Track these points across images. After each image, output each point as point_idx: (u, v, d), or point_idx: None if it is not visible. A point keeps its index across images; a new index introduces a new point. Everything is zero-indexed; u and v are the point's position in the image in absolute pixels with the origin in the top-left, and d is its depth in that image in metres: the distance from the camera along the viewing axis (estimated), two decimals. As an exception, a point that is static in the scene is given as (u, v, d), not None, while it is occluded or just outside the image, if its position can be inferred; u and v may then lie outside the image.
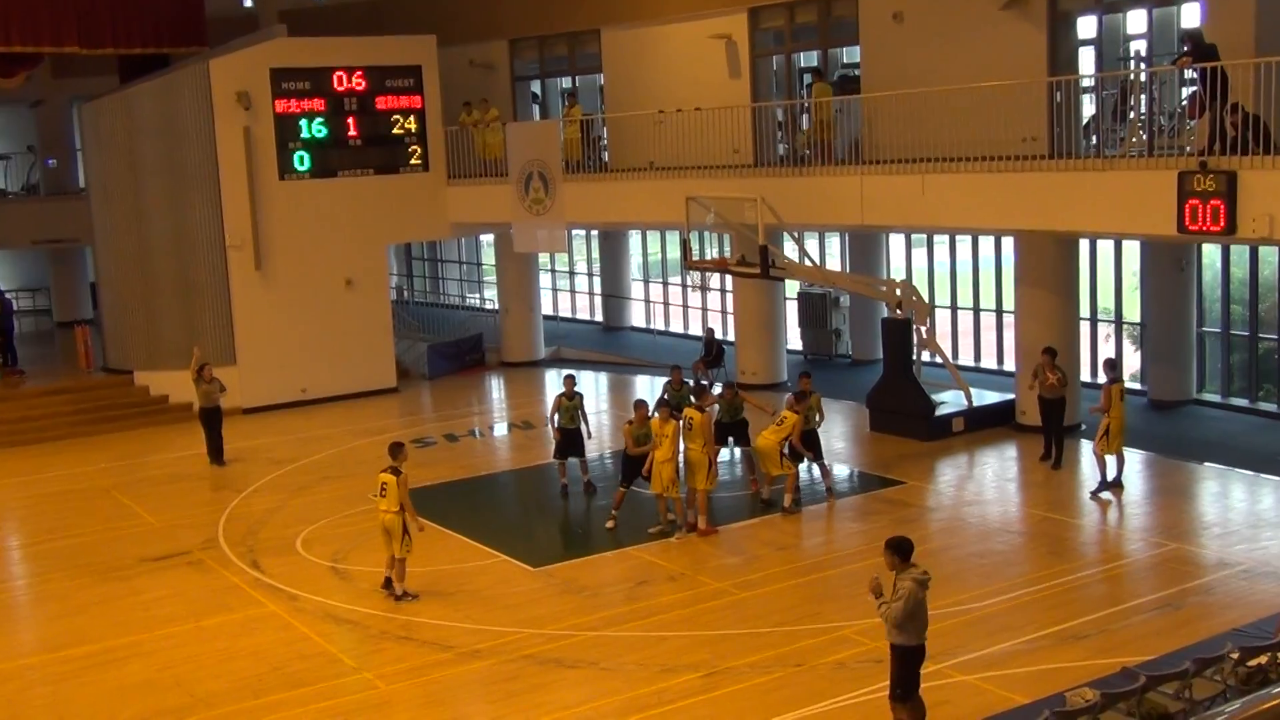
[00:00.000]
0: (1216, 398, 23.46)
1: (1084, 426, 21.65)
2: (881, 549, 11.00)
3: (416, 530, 15.57)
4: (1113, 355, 20.39)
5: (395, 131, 28.71)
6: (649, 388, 27.71)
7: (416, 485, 20.75)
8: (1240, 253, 23.00)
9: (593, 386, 28.24)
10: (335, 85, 27.89)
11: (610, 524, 18.07)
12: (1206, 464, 19.85)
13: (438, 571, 16.56)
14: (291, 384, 27.75)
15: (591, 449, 20.54)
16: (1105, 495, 18.26)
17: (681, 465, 17.76)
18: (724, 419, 19.54)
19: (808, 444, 18.75)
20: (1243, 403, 23.05)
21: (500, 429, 25.44)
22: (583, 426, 19.77)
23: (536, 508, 20.22)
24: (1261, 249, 22.30)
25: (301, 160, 27.72)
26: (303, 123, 27.64)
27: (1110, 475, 18.45)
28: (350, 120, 28.15)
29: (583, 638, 14.24)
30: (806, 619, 14.39)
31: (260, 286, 27.46)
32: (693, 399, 18.84)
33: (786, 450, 18.39)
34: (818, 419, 19.15)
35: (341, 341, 28.25)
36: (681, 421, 17.61)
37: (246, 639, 14.78)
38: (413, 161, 28.97)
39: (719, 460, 18.43)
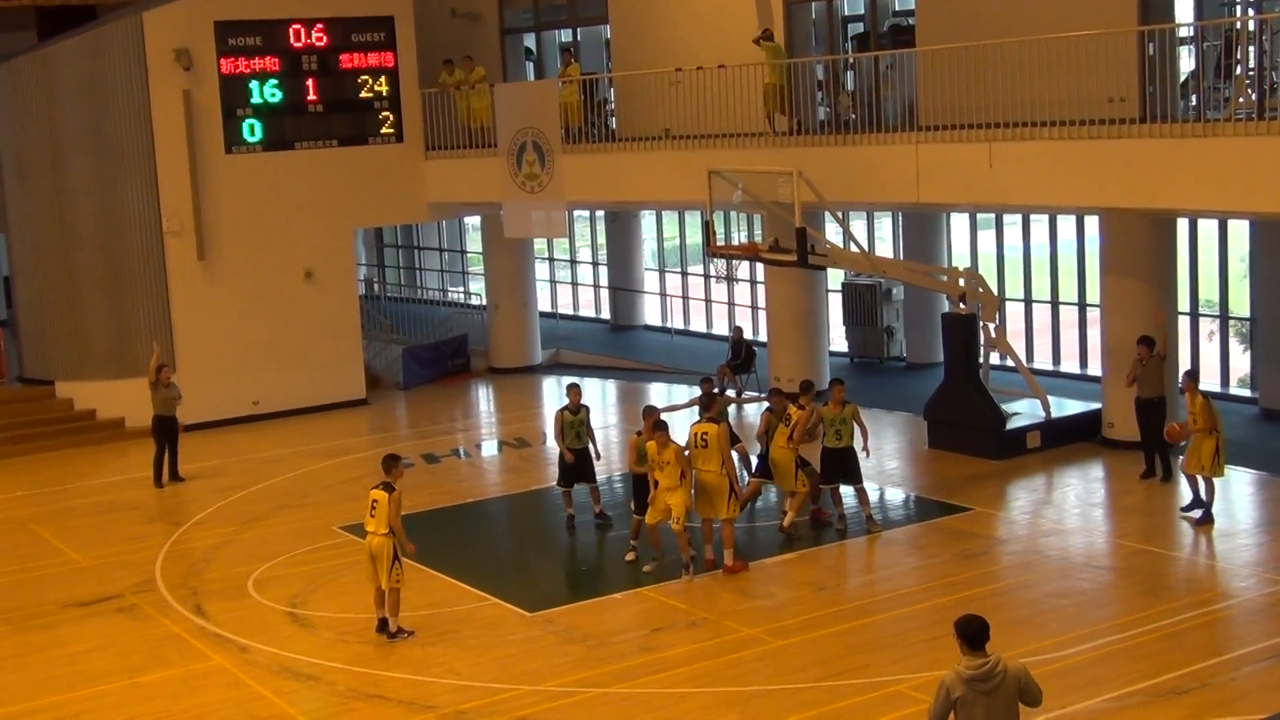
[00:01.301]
0: (1342, 406, 23.45)
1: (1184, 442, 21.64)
2: (942, 590, 10.93)
3: (406, 554, 15.82)
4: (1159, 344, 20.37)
5: (363, 95, 28.80)
6: (664, 398, 27.76)
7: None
8: (1369, 233, 22.97)
9: (598, 397, 28.30)
10: (291, 41, 27.99)
11: (630, 556, 18.11)
12: (1330, 485, 19.84)
13: (416, 617, 16.59)
14: (241, 396, 27.85)
15: (599, 471, 20.56)
16: (1195, 514, 18.36)
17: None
18: (829, 442, 18.88)
19: (838, 466, 18.75)
20: (1373, 412, 23.04)
21: (489, 448, 25.50)
22: (590, 445, 19.82)
23: (533, 541, 20.25)
24: (1395, 229, 22.26)
25: (252, 130, 27.82)
26: (253, 85, 27.74)
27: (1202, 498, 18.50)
28: (309, 82, 28.24)
29: (588, 695, 14.24)
30: (852, 672, 14.40)
31: (204, 280, 27.57)
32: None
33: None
34: (848, 434, 18.90)
35: (300, 345, 28.35)
36: (696, 437, 17.43)
37: (189, 699, 14.77)
38: (384, 131, 29.07)
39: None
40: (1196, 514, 18.38)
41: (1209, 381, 24.87)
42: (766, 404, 19.69)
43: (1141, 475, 20.19)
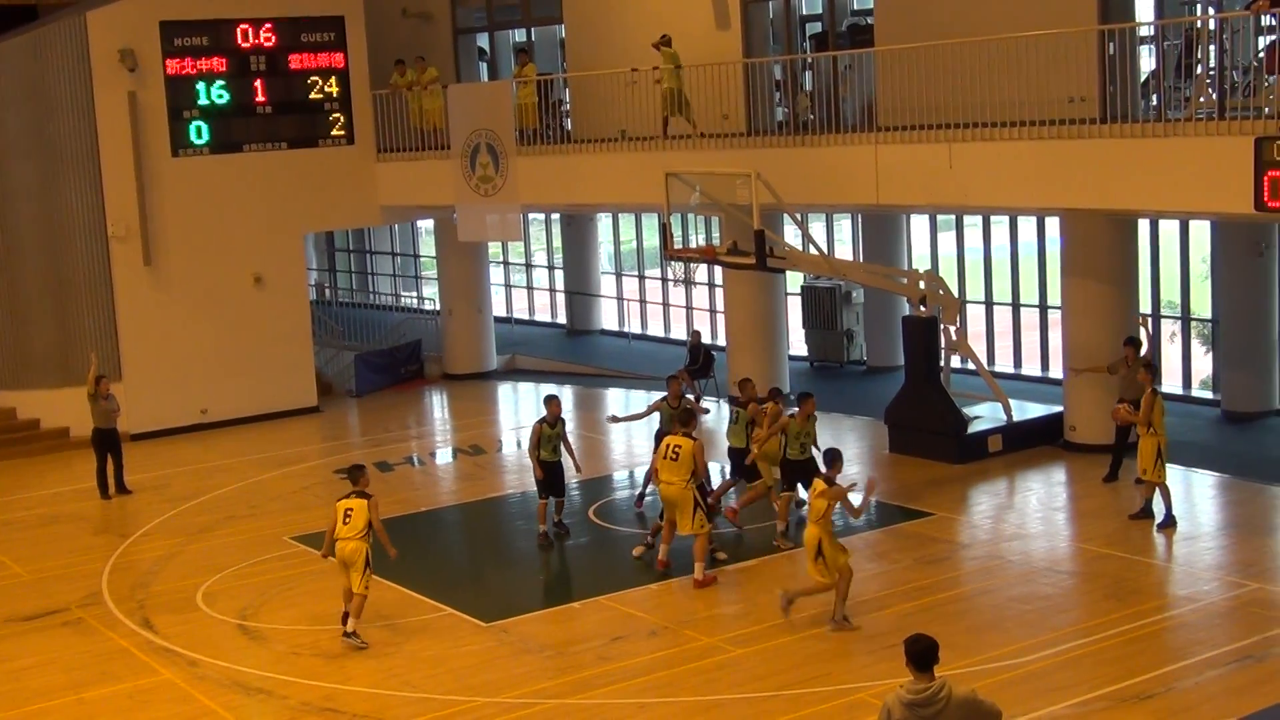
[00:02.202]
0: (1304, 408, 23.67)
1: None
2: (904, 596, 10.97)
3: (389, 558, 16.24)
4: (1146, 346, 20.45)
5: (313, 96, 28.72)
6: (623, 403, 27.78)
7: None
8: (1330, 234, 23.19)
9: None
10: (239, 41, 27.88)
11: (639, 551, 18.41)
12: (1293, 488, 20.03)
13: (369, 629, 16.52)
14: (189, 404, 27.70)
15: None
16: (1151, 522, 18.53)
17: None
18: (792, 454, 18.99)
19: (800, 477, 18.82)
20: (1335, 414, 23.26)
21: (444, 455, 25.44)
22: (570, 459, 19.67)
23: (489, 550, 20.21)
24: (1356, 229, 22.48)
25: (199, 132, 27.69)
26: (200, 86, 27.61)
27: (1157, 507, 18.58)
28: (258, 83, 28.13)
29: (546, 706, 14.21)
30: (814, 680, 14.42)
31: (150, 285, 27.41)
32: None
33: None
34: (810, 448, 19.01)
35: (249, 352, 28.22)
36: (668, 449, 17.35)
37: (137, 714, 14.67)
38: (334, 133, 28.98)
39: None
40: (1159, 518, 18.46)
41: (1171, 384, 25.07)
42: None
43: (1104, 479, 20.30)
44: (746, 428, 19.21)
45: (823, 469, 15.91)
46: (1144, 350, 20.42)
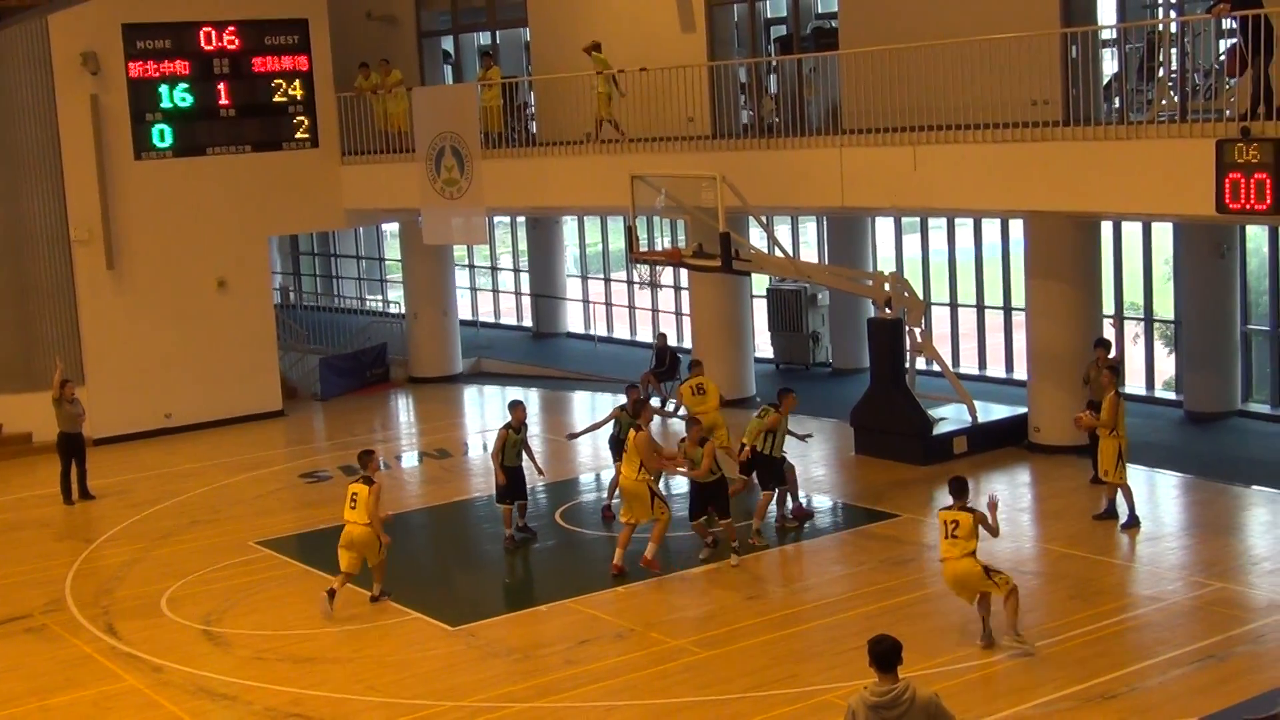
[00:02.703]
0: (1265, 408, 23.82)
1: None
2: (870, 598, 10.99)
3: (383, 544, 17.09)
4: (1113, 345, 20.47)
5: (277, 99, 28.64)
6: (589, 405, 27.78)
7: (308, 528, 20.78)
8: (1291, 235, 23.38)
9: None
10: (202, 44, 27.78)
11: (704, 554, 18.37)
12: (1255, 487, 20.12)
13: (335, 633, 16.51)
14: (153, 409, 27.57)
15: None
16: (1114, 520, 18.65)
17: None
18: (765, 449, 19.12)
19: (769, 475, 18.93)
20: (1296, 414, 23.44)
21: (409, 459, 25.39)
22: (532, 463, 19.60)
23: (455, 554, 20.19)
24: (1316, 231, 22.67)
25: (162, 135, 27.58)
26: (163, 90, 27.50)
27: (1120, 508, 18.71)
28: (221, 86, 28.04)
29: (512, 710, 14.21)
30: (780, 682, 14.46)
31: (113, 289, 27.28)
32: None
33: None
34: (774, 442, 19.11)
35: (214, 356, 28.12)
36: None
37: (101, 720, 14.65)
38: (298, 136, 28.91)
39: None
40: (1122, 519, 18.59)
41: (1134, 384, 25.21)
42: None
43: (1093, 480, 19.95)
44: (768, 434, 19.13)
45: (953, 499, 15.05)
46: (1113, 352, 20.47)
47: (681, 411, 20.02)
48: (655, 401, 26.79)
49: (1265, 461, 21.34)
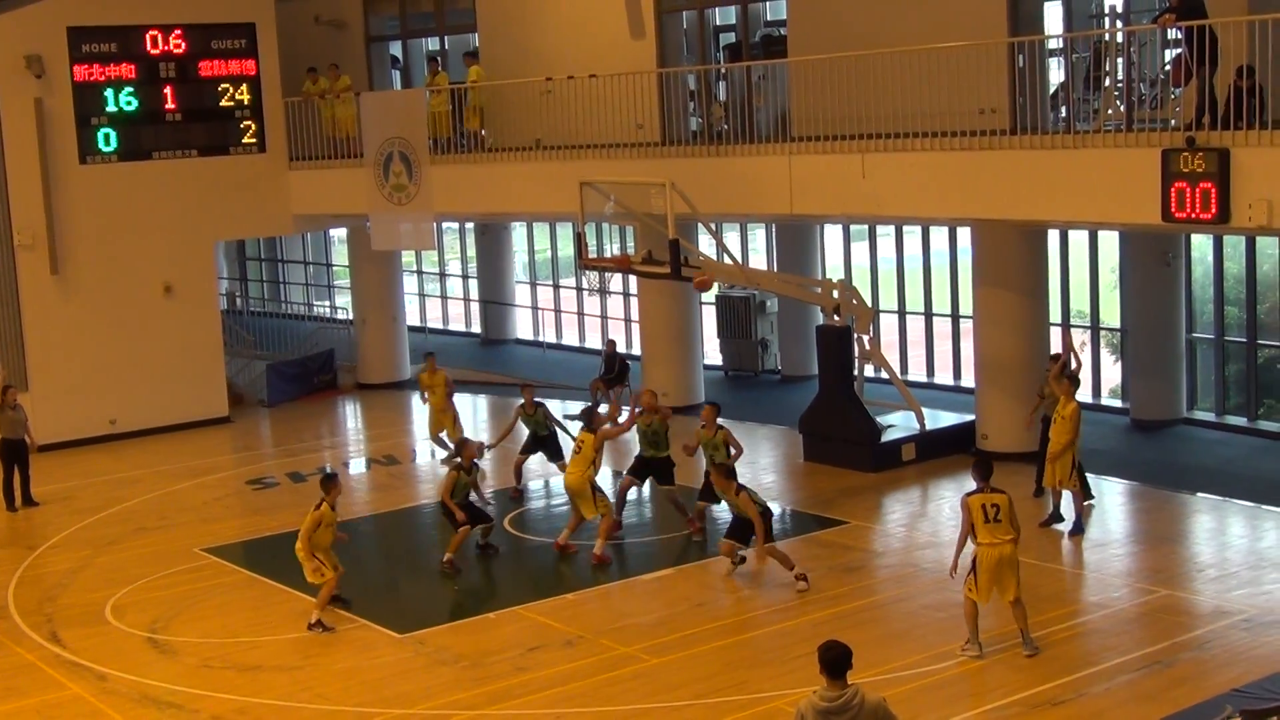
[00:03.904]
0: (1210, 416, 24.03)
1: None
2: (819, 605, 11.02)
3: (310, 571, 16.85)
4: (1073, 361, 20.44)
5: (224, 104, 28.47)
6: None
7: (255, 535, 20.66)
8: (1235, 244, 23.59)
9: (470, 412, 28.17)
10: (148, 47, 27.59)
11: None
12: (1200, 495, 20.31)
13: (282, 641, 16.41)
14: (98, 414, 27.35)
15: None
16: (1060, 528, 18.77)
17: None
18: (645, 452, 19.81)
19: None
20: (1240, 421, 23.64)
21: (357, 465, 25.27)
22: (480, 498, 19.51)
23: (403, 561, 20.11)
24: (1259, 240, 22.89)
25: (107, 139, 27.37)
26: (108, 93, 27.29)
27: (1063, 510, 18.92)
28: (167, 90, 27.85)
29: (461, 717, 14.17)
30: (730, 689, 14.47)
31: (58, 295, 27.04)
32: (577, 421, 19.92)
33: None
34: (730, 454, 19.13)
35: (160, 361, 27.91)
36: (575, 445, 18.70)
37: (45, 729, 14.50)
38: (246, 140, 28.75)
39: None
40: (1062, 527, 18.73)
41: (1081, 392, 25.29)
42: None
43: (1034, 493, 19.98)
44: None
45: (981, 481, 14.91)
46: (1067, 365, 20.32)
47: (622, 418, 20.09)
48: (604, 408, 26.85)
49: (1210, 469, 21.53)
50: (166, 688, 15.27)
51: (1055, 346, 21.41)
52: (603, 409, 20.99)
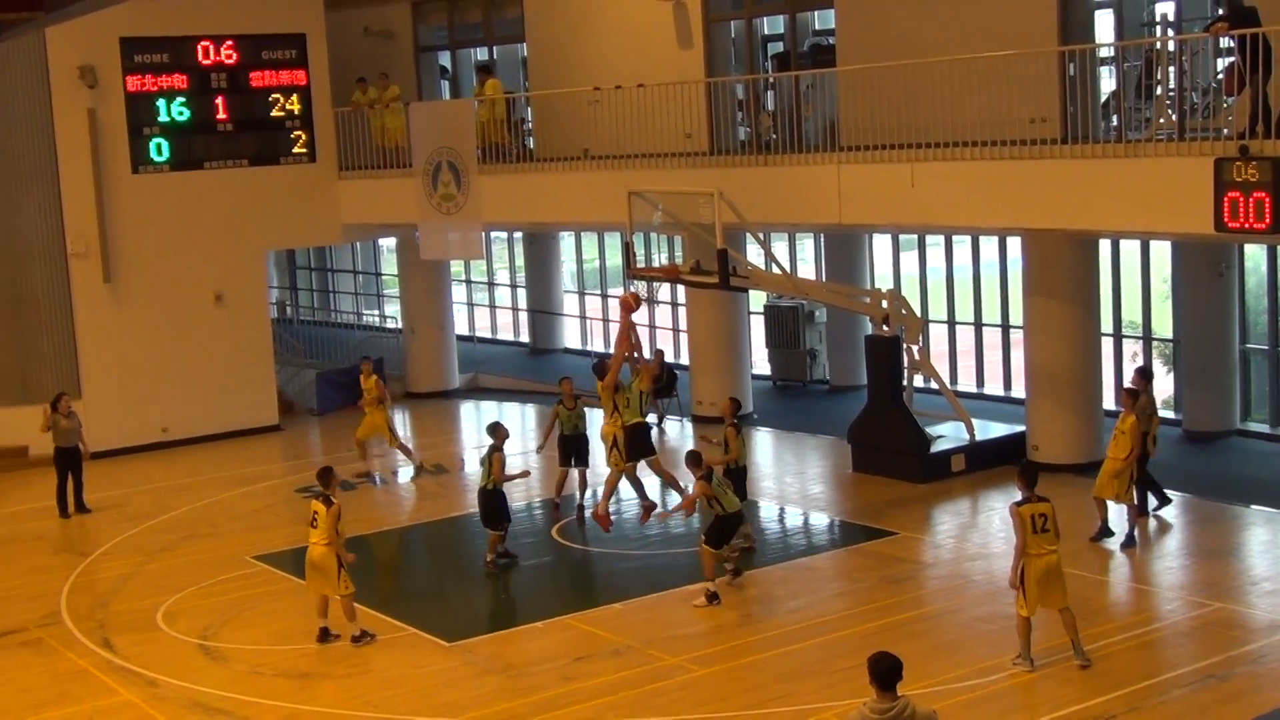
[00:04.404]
0: (1264, 428, 23.81)
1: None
2: (867, 616, 10.96)
3: (345, 563, 16.38)
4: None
5: (274, 114, 28.64)
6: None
7: (304, 543, 20.70)
8: (1289, 254, 23.39)
9: (517, 421, 28.21)
10: (200, 58, 27.79)
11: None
12: (1254, 507, 20.11)
13: (330, 648, 16.46)
14: (149, 422, 27.53)
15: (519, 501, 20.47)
16: (1110, 544, 18.60)
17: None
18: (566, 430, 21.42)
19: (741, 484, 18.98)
20: (1295, 433, 23.43)
21: (406, 474, 25.34)
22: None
23: (451, 569, 20.16)
24: (1314, 250, 22.69)
25: (159, 149, 27.57)
26: (160, 104, 27.50)
27: (1118, 524, 18.73)
28: (219, 100, 28.04)
29: (508, 727, 14.20)
30: (776, 700, 14.41)
31: (110, 303, 27.26)
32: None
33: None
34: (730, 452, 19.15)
35: (210, 370, 28.08)
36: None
37: (96, 735, 14.60)
38: (296, 150, 28.91)
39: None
40: (1113, 542, 18.51)
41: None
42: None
43: (1153, 509, 19.61)
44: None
45: (1026, 491, 14.82)
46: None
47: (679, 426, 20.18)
48: (652, 418, 26.88)
49: (1264, 481, 21.31)
50: (217, 694, 15.33)
51: (1106, 357, 21.25)
52: (650, 417, 21.13)
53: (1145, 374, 19.75)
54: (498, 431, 19.32)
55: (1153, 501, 19.62)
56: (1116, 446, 18.50)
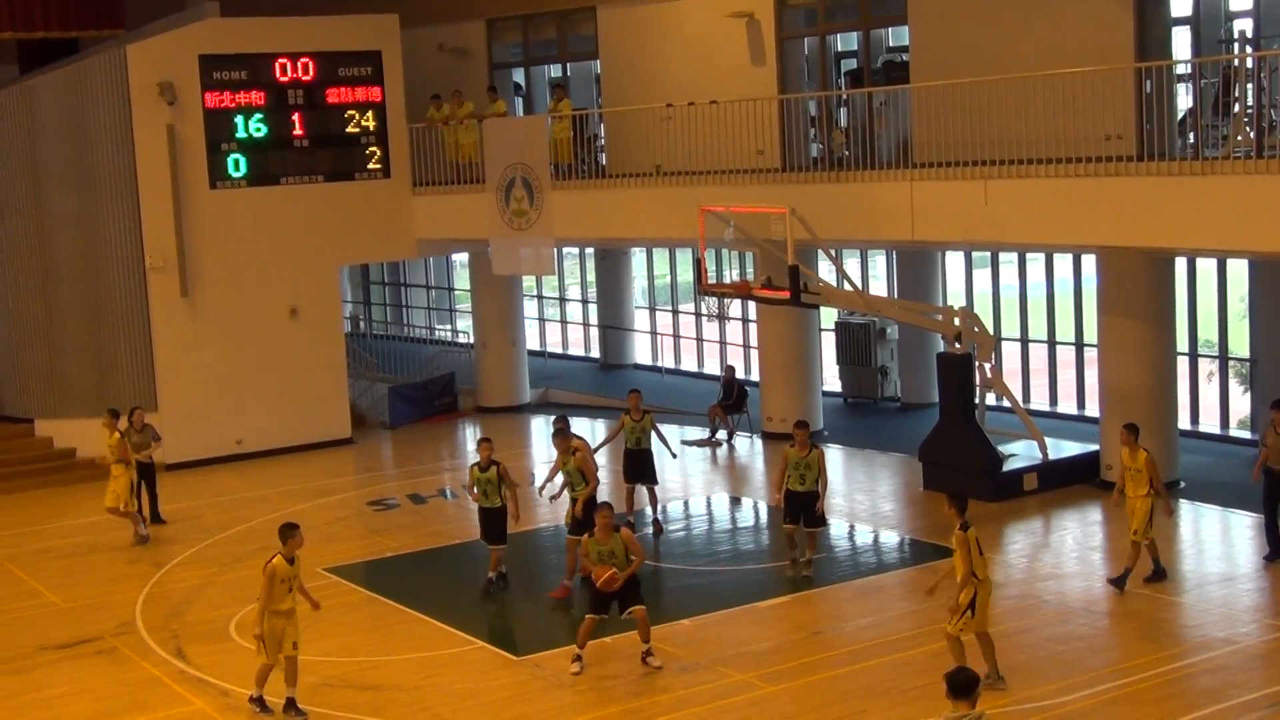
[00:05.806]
0: (1343, 448, 23.44)
1: (1182, 484, 21.71)
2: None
3: (254, 633, 15.09)
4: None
5: (350, 130, 28.88)
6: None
7: (375, 556, 20.86)
8: (1369, 273, 23.07)
9: (589, 434, 28.22)
10: (278, 75, 28.08)
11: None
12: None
13: (401, 661, 16.54)
14: (224, 434, 27.81)
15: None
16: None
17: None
18: (792, 485, 18.92)
19: (799, 509, 18.76)
20: (1375, 454, 23.01)
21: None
22: (510, 505, 19.25)
23: (520, 584, 20.16)
24: (1395, 269, 22.36)
25: (237, 165, 27.87)
26: (238, 120, 27.80)
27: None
28: (296, 117, 28.31)
29: (577, 742, 14.22)
30: (847, 718, 14.36)
31: (187, 317, 27.56)
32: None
33: None
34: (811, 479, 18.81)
35: (285, 383, 28.32)
36: None
37: (169, 744, 14.75)
38: (371, 166, 29.13)
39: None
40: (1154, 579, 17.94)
41: (1208, 423, 24.95)
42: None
43: (1266, 557, 18.78)
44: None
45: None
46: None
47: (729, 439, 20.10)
48: (722, 434, 26.91)
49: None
50: (288, 705, 15.44)
51: (1182, 376, 21.00)
52: (720, 434, 21.05)
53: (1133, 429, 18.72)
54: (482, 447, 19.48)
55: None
56: (1135, 485, 17.86)
